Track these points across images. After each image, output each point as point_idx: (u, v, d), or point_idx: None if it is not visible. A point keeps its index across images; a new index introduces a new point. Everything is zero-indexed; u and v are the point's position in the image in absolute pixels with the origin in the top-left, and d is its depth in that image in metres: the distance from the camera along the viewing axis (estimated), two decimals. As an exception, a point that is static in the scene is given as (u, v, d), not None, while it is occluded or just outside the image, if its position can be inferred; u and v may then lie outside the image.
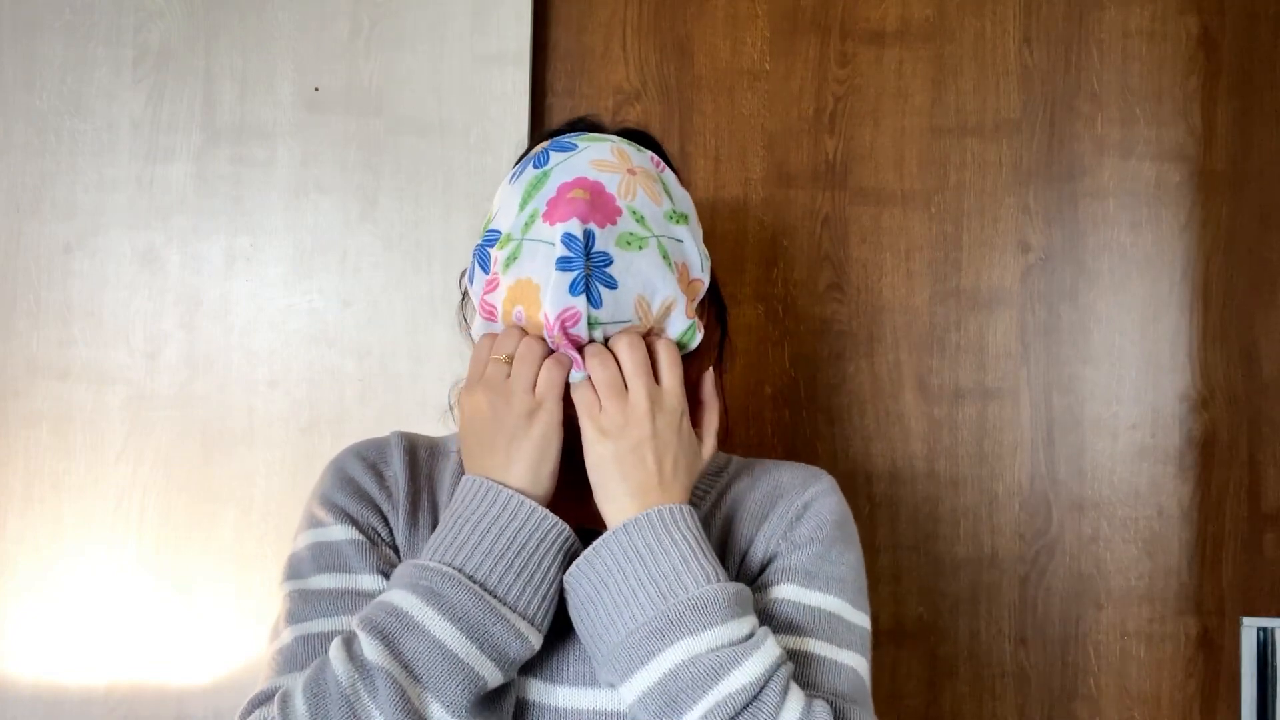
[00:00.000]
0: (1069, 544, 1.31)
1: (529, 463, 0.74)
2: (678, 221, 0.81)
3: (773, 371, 1.32)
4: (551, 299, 0.74)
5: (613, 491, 0.74)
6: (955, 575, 1.31)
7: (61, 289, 1.27)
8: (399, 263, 1.28)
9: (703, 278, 0.82)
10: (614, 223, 0.77)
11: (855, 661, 0.77)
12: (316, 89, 1.29)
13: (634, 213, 0.78)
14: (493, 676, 0.69)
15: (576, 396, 0.76)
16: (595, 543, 0.72)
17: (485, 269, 0.80)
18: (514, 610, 0.70)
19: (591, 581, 0.72)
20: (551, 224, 0.76)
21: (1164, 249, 1.33)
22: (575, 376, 0.76)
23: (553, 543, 0.73)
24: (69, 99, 1.27)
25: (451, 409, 0.98)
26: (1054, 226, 1.33)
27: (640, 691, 0.69)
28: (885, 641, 1.30)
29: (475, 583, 0.70)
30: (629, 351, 0.75)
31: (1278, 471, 1.32)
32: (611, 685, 0.72)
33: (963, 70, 1.34)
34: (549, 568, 0.72)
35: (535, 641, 0.71)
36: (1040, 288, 1.33)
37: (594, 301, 0.75)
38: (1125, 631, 1.31)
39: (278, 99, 1.29)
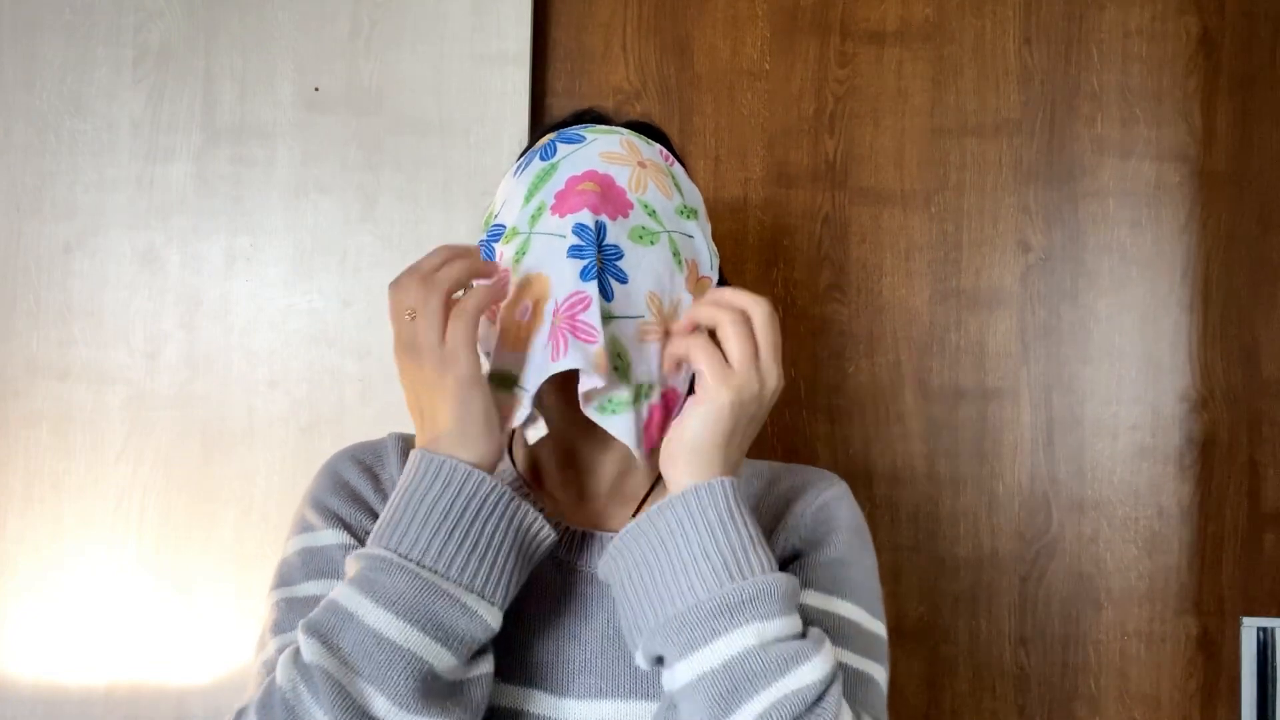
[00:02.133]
0: (1069, 544, 1.31)
1: (455, 424, 0.68)
2: (688, 216, 0.79)
3: (773, 371, 1.32)
4: (561, 284, 0.72)
5: (705, 452, 0.68)
6: (955, 575, 1.31)
7: (61, 289, 1.27)
8: (399, 263, 1.27)
9: (711, 275, 0.80)
10: (625, 215, 0.75)
11: (879, 675, 0.75)
12: (316, 89, 1.29)
13: (645, 206, 0.76)
14: (442, 660, 0.65)
15: (699, 350, 0.69)
16: (660, 501, 0.68)
17: None
18: (459, 585, 0.65)
19: (650, 541, 0.67)
20: (561, 216, 0.74)
21: (1164, 249, 1.33)
22: (556, 367, 0.70)
23: (493, 507, 0.67)
24: (69, 99, 1.27)
25: None
26: (1054, 226, 1.33)
27: (699, 672, 0.64)
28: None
29: (412, 562, 0.65)
30: (758, 325, 0.71)
31: (1278, 471, 1.32)
32: (654, 661, 0.67)
33: (963, 70, 1.34)
34: (493, 533, 0.67)
35: (490, 617, 0.66)
36: (1040, 288, 1.33)
37: (606, 293, 0.72)
38: (1125, 631, 1.31)
39: (278, 99, 1.29)
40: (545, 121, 1.31)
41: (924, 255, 1.33)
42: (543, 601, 0.77)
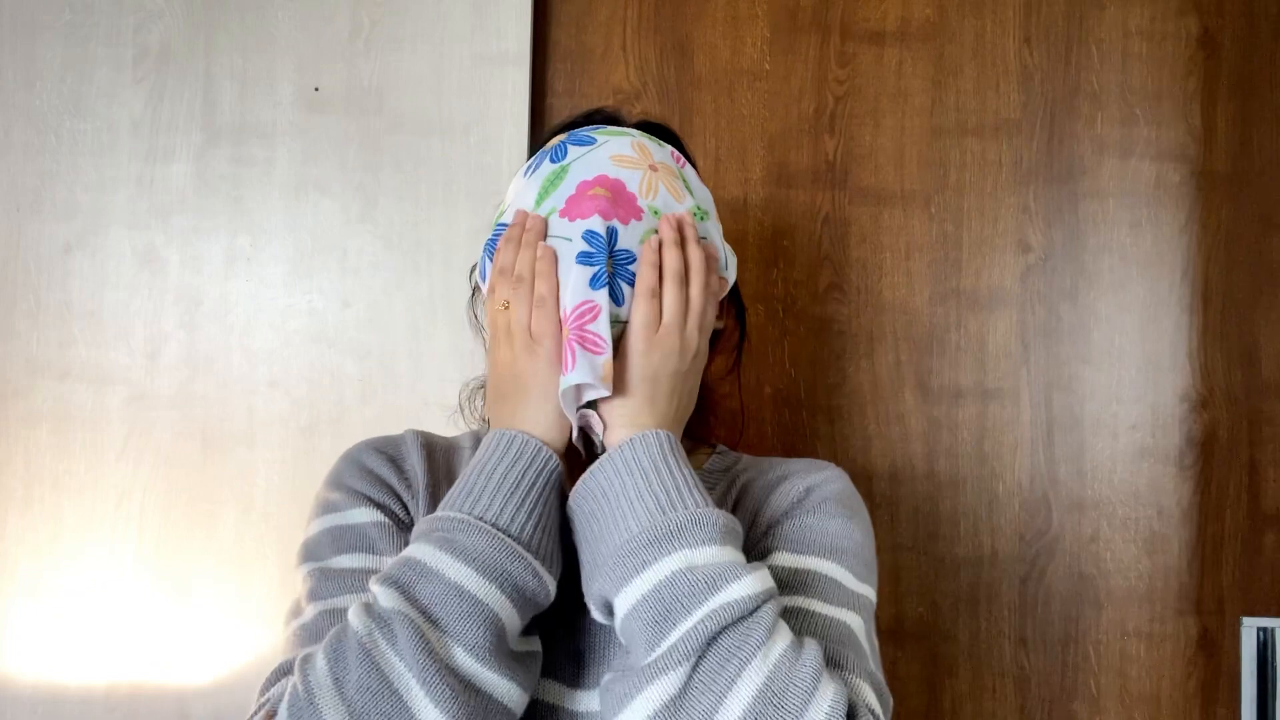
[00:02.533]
0: (1069, 544, 1.31)
1: (532, 402, 0.74)
2: (700, 218, 0.80)
3: (773, 371, 1.32)
4: (571, 292, 0.73)
5: (636, 405, 0.74)
6: (955, 575, 1.31)
7: (61, 289, 1.27)
8: (399, 263, 1.28)
9: (726, 275, 0.82)
10: (638, 219, 0.76)
11: (851, 619, 0.74)
12: (316, 89, 1.29)
13: (655, 212, 0.77)
14: (510, 619, 0.68)
15: (641, 302, 0.75)
16: (600, 457, 0.72)
17: None
18: (527, 549, 0.69)
19: (593, 492, 0.71)
20: (571, 220, 0.75)
21: (1164, 249, 1.33)
22: (565, 382, 0.73)
23: (550, 475, 0.72)
24: (69, 99, 1.27)
25: (461, 409, 0.97)
26: (1054, 226, 1.33)
27: (634, 600, 0.66)
28: (885, 641, 1.30)
29: (488, 524, 0.69)
30: (699, 275, 0.77)
31: (1278, 471, 1.32)
32: (605, 608, 0.70)
33: (963, 70, 1.34)
34: (549, 500, 0.72)
35: (549, 583, 0.70)
36: (1040, 288, 1.33)
37: (617, 298, 0.74)
38: (1125, 631, 1.31)
39: (278, 99, 1.29)
40: (545, 121, 1.32)
41: (924, 255, 1.33)
42: (557, 596, 0.78)
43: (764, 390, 1.32)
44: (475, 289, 0.92)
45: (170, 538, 1.25)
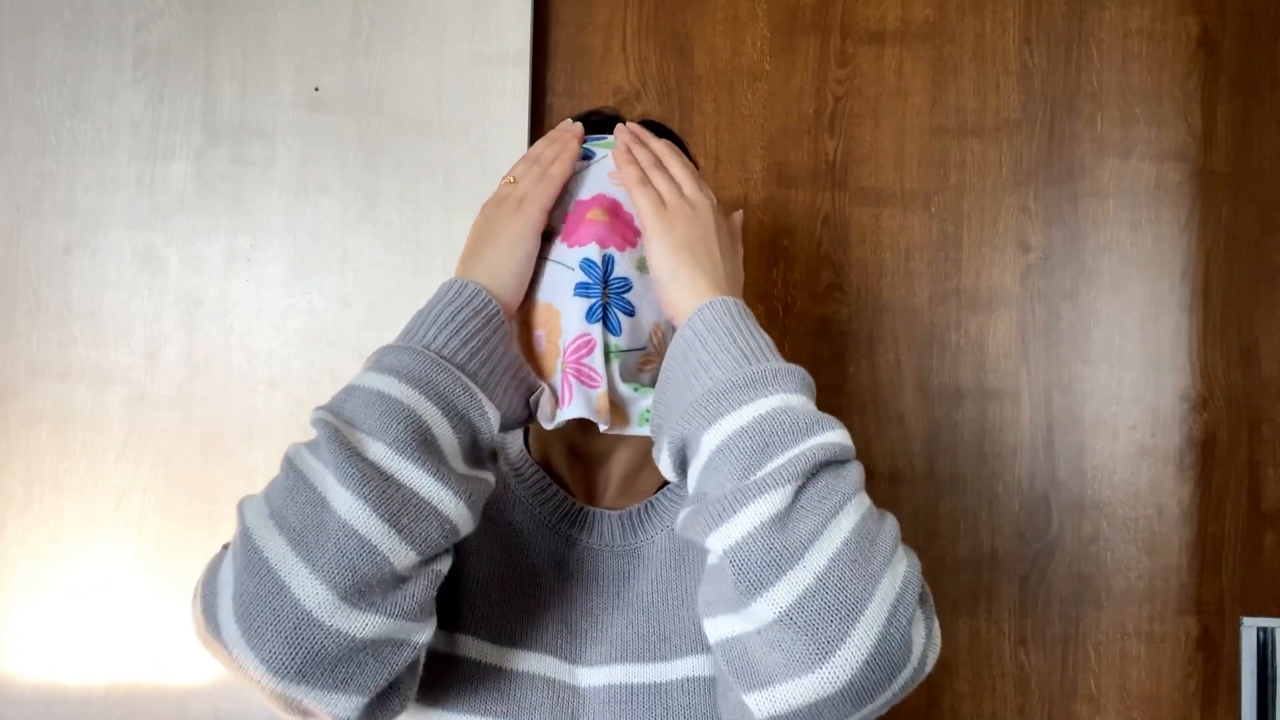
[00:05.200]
0: (1069, 544, 1.31)
1: (496, 259, 0.74)
2: None
3: (773, 371, 1.32)
4: (568, 325, 0.74)
5: (687, 276, 0.72)
6: (955, 575, 1.31)
7: (61, 289, 1.27)
8: (399, 263, 1.28)
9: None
10: (633, 245, 0.77)
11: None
12: (316, 89, 1.29)
13: None
14: (443, 431, 0.66)
15: (637, 193, 0.76)
16: (685, 320, 0.71)
17: None
18: (465, 372, 0.68)
19: (679, 347, 0.70)
20: (570, 246, 0.76)
21: (1164, 249, 1.33)
22: (563, 415, 0.74)
23: (489, 317, 0.71)
24: (69, 99, 1.27)
25: None
26: (1054, 226, 1.33)
27: (730, 431, 0.64)
28: (885, 641, 1.30)
29: (422, 347, 0.68)
30: (673, 157, 0.79)
31: (1278, 471, 1.32)
32: (679, 458, 0.69)
33: (963, 70, 1.34)
34: (490, 340, 0.71)
35: (487, 406, 0.68)
36: (1040, 288, 1.33)
37: (612, 328, 0.75)
38: (1125, 631, 1.31)
39: (278, 99, 1.28)
40: (545, 121, 1.32)
41: (924, 255, 1.33)
42: (555, 576, 0.79)
43: (764, 390, 1.32)
44: None
45: (170, 538, 1.25)
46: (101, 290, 1.27)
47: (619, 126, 0.81)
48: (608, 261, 0.75)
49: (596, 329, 0.74)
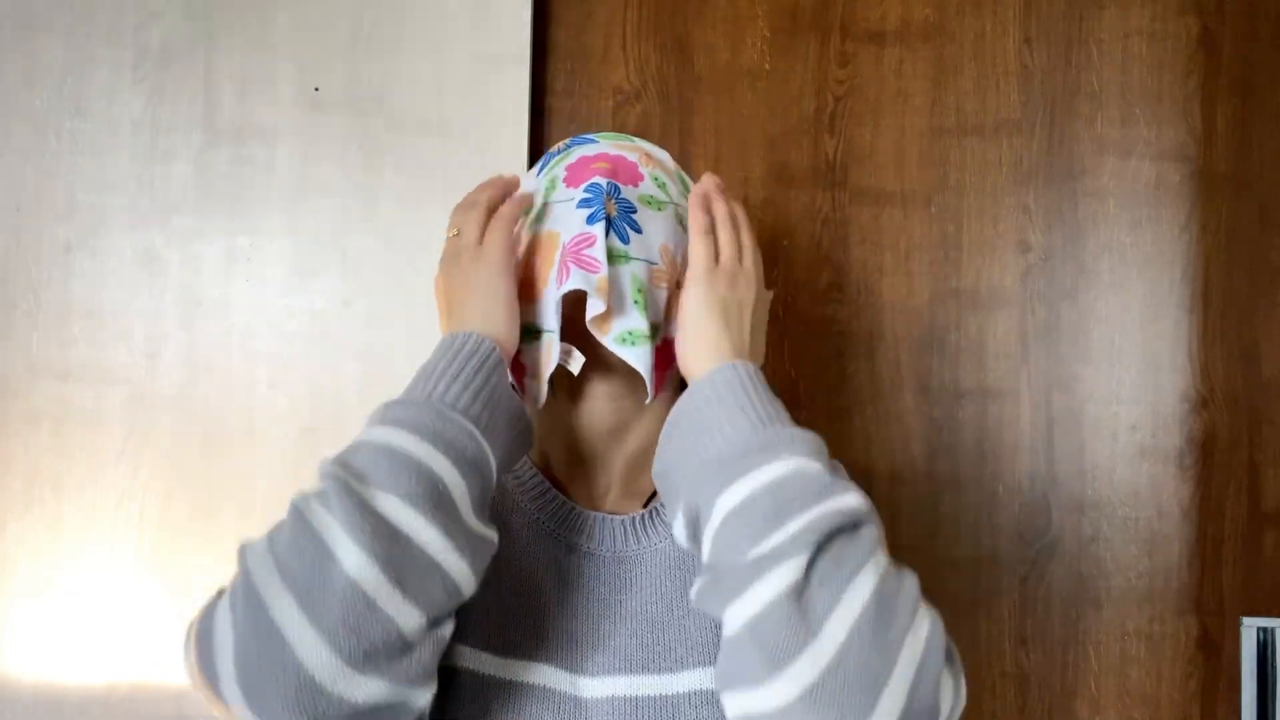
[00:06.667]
0: (1069, 544, 1.31)
1: (479, 305, 0.74)
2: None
3: (773, 371, 1.32)
4: (569, 227, 0.75)
5: (714, 334, 0.73)
6: (955, 575, 1.31)
7: (61, 289, 1.27)
8: (399, 263, 1.28)
9: None
10: (636, 185, 0.79)
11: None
12: (316, 89, 1.29)
13: (655, 179, 0.81)
14: (453, 479, 0.66)
15: (697, 240, 0.76)
16: (703, 377, 0.72)
17: None
18: (467, 418, 0.68)
19: (686, 411, 0.71)
20: (573, 185, 0.78)
21: (1164, 249, 1.33)
22: (562, 289, 0.74)
23: (486, 357, 0.71)
24: (69, 99, 1.27)
25: None
26: (1054, 226, 1.33)
27: (743, 496, 0.65)
28: (885, 641, 1.30)
29: (421, 398, 0.69)
30: (745, 224, 0.81)
31: (1278, 471, 1.32)
32: (691, 520, 0.68)
33: (963, 70, 1.34)
34: (490, 379, 0.71)
35: (487, 446, 0.69)
36: (1040, 288, 1.33)
37: (621, 237, 0.75)
38: (1125, 631, 1.31)
39: (278, 99, 1.28)
40: (545, 121, 1.32)
41: (924, 255, 1.33)
42: (555, 583, 0.78)
43: (764, 390, 1.32)
44: None
45: (170, 538, 1.25)
46: (101, 290, 1.27)
47: (706, 174, 0.82)
48: (613, 187, 0.76)
49: (599, 228, 0.74)
